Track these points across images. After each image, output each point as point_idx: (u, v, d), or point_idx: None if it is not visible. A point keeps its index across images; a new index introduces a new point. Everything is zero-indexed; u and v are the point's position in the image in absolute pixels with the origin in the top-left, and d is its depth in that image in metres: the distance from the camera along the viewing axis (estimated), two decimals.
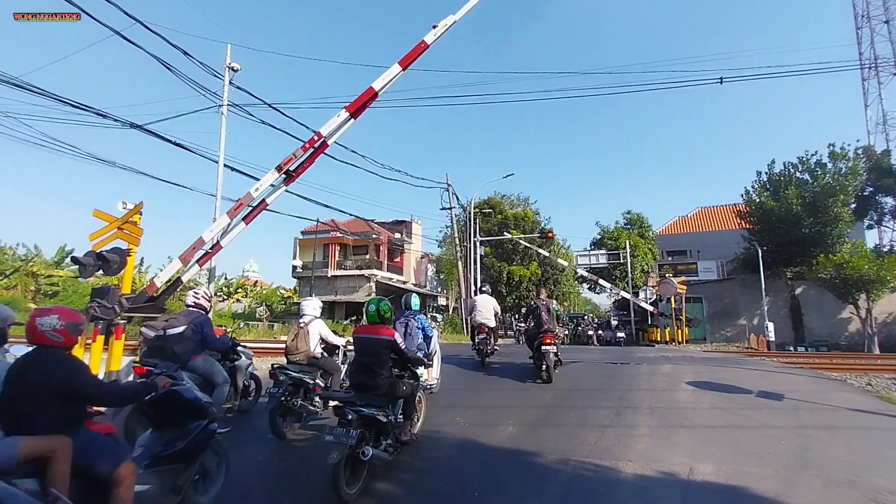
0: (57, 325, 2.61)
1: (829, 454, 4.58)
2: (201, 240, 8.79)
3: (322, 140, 9.51)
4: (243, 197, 9.30)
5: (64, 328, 2.63)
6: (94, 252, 7.88)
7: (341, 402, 3.87)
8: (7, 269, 37.18)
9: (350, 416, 3.61)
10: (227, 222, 9.09)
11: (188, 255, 8.56)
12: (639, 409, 6.15)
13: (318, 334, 5.75)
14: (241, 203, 9.16)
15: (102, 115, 10.04)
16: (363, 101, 9.73)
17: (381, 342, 4.12)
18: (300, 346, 5.56)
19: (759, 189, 26.11)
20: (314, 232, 31.32)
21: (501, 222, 31.60)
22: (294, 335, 5.70)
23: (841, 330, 23.98)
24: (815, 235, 23.46)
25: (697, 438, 4.99)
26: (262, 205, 9.63)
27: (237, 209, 9.09)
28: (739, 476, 3.94)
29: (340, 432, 3.48)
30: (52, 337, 2.57)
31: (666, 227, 38.01)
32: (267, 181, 9.25)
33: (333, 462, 3.35)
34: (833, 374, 9.58)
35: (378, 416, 3.82)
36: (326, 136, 9.52)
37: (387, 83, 9.81)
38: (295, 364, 5.48)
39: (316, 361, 5.63)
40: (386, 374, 4.09)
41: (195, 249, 8.65)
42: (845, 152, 24.26)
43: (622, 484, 3.84)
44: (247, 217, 9.59)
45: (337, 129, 9.60)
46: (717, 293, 26.83)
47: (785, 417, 5.84)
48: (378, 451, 3.72)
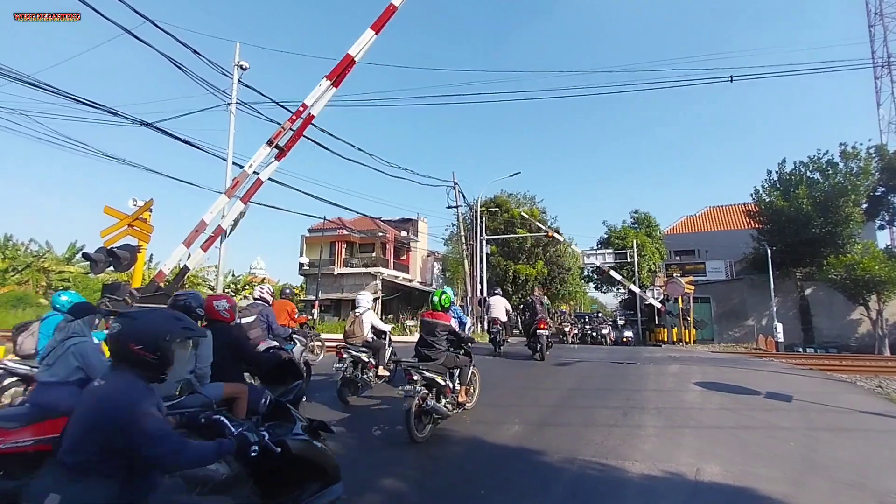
0: (226, 306, 3.82)
1: (838, 456, 4.55)
2: (203, 222, 8.87)
3: (307, 110, 9.70)
4: (239, 175, 9.39)
5: (229, 309, 3.84)
6: (105, 248, 8.00)
7: (410, 366, 4.96)
8: (19, 265, 37.72)
9: (416, 376, 4.78)
10: (226, 202, 9.18)
11: (191, 239, 8.65)
12: (646, 409, 6.13)
13: (370, 322, 6.91)
14: (237, 181, 9.26)
15: (113, 113, 10.15)
16: (342, 69, 9.96)
17: (439, 325, 5.31)
18: (356, 332, 6.75)
19: (769, 188, 25.84)
20: (321, 230, 31.43)
21: (508, 221, 31.54)
22: (351, 322, 6.92)
23: (851, 331, 23.71)
24: (825, 235, 23.18)
25: (705, 439, 4.97)
26: (257, 182, 9.76)
27: (234, 187, 9.18)
28: (747, 477, 3.92)
29: (410, 389, 4.65)
30: (223, 314, 3.79)
31: (674, 227, 37.74)
32: (260, 156, 9.42)
33: (406, 409, 4.51)
34: (843, 376, 9.48)
35: (437, 378, 4.91)
36: (311, 105, 9.72)
37: (362, 48, 10.09)
38: (353, 346, 6.57)
39: (368, 343, 6.78)
40: (443, 348, 5.24)
41: (198, 233, 8.73)
42: (857, 151, 23.91)
43: (629, 484, 3.83)
44: (244, 196, 9.72)
45: (320, 97, 9.80)
46: (726, 293, 26.61)
47: (794, 419, 5.80)
48: (438, 405, 4.88)
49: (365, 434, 5.08)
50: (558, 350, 14.69)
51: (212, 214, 8.88)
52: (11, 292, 33.43)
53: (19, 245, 39.40)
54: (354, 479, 3.90)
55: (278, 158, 9.82)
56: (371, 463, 4.31)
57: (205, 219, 8.87)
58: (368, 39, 10.06)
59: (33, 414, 3.13)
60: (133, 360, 1.79)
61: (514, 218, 31.63)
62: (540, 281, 30.83)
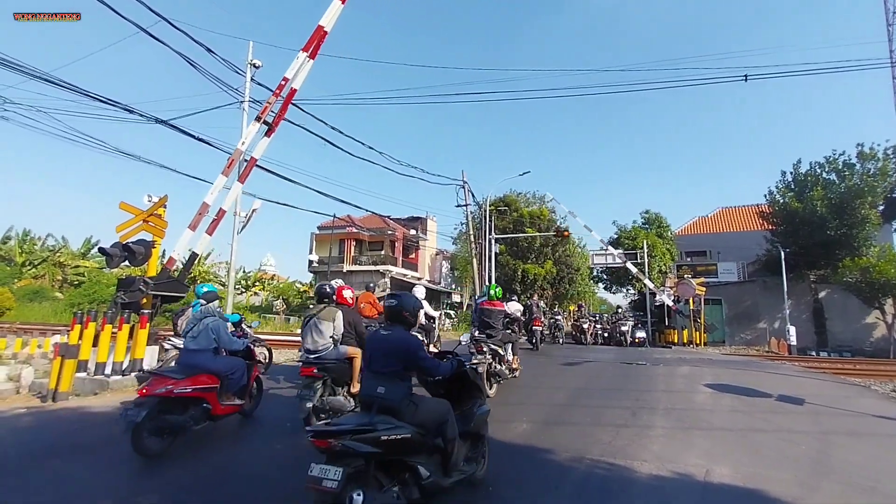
0: (350, 294, 5.77)
1: (851, 460, 4.50)
2: (205, 204, 8.95)
3: (289, 83, 9.95)
4: (233, 153, 9.51)
5: (352, 297, 5.89)
6: (121, 243, 8.13)
7: (481, 340, 6.80)
8: (36, 259, 38.45)
9: (485, 348, 6.68)
10: (224, 181, 9.31)
11: (196, 222, 8.74)
12: (655, 409, 6.10)
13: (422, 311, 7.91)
14: (232, 160, 9.37)
15: (129, 111, 10.31)
16: (315, 41, 10.20)
17: (495, 311, 7.33)
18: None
19: (784, 189, 25.45)
20: (330, 227, 31.62)
21: (517, 220, 31.45)
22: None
23: (866, 335, 23.28)
24: (840, 238, 22.76)
25: (715, 440, 4.94)
26: (252, 160, 9.96)
27: (230, 166, 9.31)
28: (757, 479, 3.89)
29: (481, 358, 6.07)
30: (348, 300, 5.66)
31: (685, 228, 37.33)
32: (250, 133, 9.59)
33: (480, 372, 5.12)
34: (856, 380, 9.35)
35: (499, 349, 7.01)
36: (292, 79, 9.96)
37: (331, 18, 10.35)
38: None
39: (422, 327, 7.94)
40: (500, 328, 7.20)
41: (201, 215, 8.82)
42: (874, 152, 23.43)
43: (637, 483, 3.83)
44: (241, 175, 9.91)
45: (299, 70, 10.06)
46: (738, 295, 26.26)
47: (806, 422, 5.74)
48: (501, 369, 7.00)
49: None
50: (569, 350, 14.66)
51: (213, 195, 8.96)
52: (28, 286, 34.14)
53: (36, 240, 40.20)
54: None
55: (268, 135, 10.04)
56: None
57: (206, 201, 8.96)
58: (336, 10, 10.43)
59: (184, 371, 4.53)
60: (402, 320, 3.21)
61: (522, 217, 31.53)
62: (549, 280, 30.72)
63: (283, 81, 9.97)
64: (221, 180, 9.10)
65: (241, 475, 3.96)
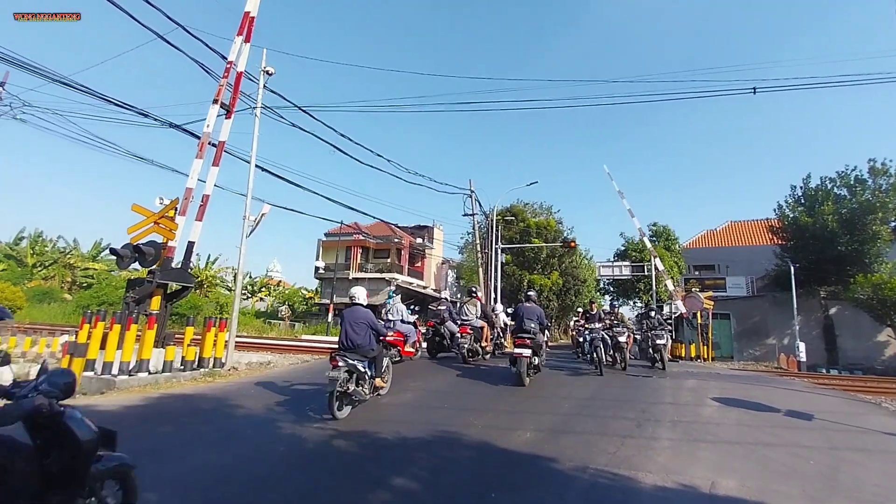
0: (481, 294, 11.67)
1: (860, 476, 4.42)
2: (188, 189, 9.08)
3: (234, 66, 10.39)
4: (202, 136, 9.68)
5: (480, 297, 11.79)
6: (132, 245, 8.24)
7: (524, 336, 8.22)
8: (47, 261, 38.99)
9: (528, 341, 8.15)
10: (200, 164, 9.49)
11: (184, 207, 8.87)
12: (661, 421, 6.03)
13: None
14: (202, 143, 9.55)
15: (144, 115, 10.51)
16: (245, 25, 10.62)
17: (534, 310, 8.78)
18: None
19: (794, 204, 25.30)
20: (337, 234, 31.80)
21: (523, 230, 31.44)
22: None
23: (877, 353, 22.90)
24: (851, 254, 22.56)
25: (721, 453, 4.87)
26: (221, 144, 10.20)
27: (201, 149, 9.47)
28: (764, 493, 3.83)
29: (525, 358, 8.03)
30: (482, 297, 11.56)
31: (693, 241, 37.10)
32: (212, 115, 9.84)
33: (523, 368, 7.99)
34: (867, 397, 9.18)
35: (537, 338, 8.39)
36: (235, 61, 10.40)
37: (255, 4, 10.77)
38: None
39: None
40: (535, 329, 8.40)
41: (187, 200, 8.96)
42: (886, 168, 23.28)
43: (641, 494, 3.78)
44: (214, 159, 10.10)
45: (239, 54, 10.48)
46: (746, 310, 25.99)
47: (815, 437, 5.64)
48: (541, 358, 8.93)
49: (374, 432, 5.12)
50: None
51: (193, 179, 9.14)
52: (38, 287, 34.59)
53: (48, 241, 40.78)
54: (368, 477, 3.96)
55: (227, 118, 10.35)
56: (384, 460, 4.35)
57: (188, 185, 9.12)
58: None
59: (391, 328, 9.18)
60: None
61: (529, 227, 31.52)
62: (555, 292, 30.57)
63: (228, 65, 10.38)
64: (197, 164, 9.29)
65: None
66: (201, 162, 9.40)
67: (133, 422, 5.44)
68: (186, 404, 6.48)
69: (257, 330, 28.62)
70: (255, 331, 27.52)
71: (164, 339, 8.06)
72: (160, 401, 6.58)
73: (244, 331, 25.62)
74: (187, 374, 8.16)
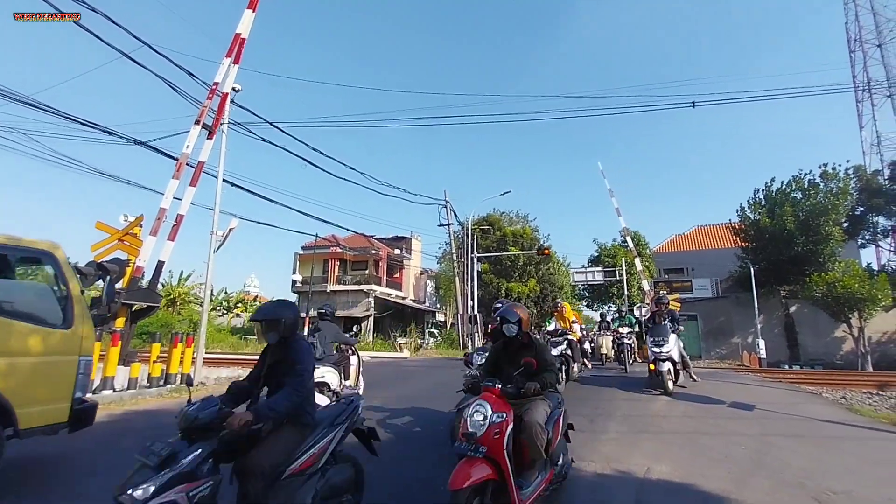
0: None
1: (787, 459, 4.78)
2: (162, 210, 9.15)
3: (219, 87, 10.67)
4: (180, 157, 9.80)
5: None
6: (95, 262, 8.23)
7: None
8: None
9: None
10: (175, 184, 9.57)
11: (156, 227, 8.94)
12: (612, 416, 6.37)
13: None
14: (180, 163, 9.65)
15: (108, 133, 10.51)
16: (235, 47, 11.01)
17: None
18: None
19: (755, 206, 26.41)
20: (314, 247, 31.67)
21: (500, 239, 31.92)
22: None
23: (836, 349, 23.97)
24: (807, 254, 23.66)
25: (661, 443, 5.21)
26: (200, 164, 10.37)
27: (179, 169, 9.56)
28: (693, 476, 4.16)
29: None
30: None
31: (664, 245, 38.21)
32: (193, 136, 10.02)
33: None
34: (809, 388, 9.75)
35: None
36: (221, 83, 10.69)
37: (247, 27, 11.27)
38: None
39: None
40: None
41: (160, 220, 9.03)
42: (836, 172, 24.65)
43: (581, 481, 4.06)
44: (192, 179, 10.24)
45: (226, 75, 10.81)
46: (712, 311, 26.89)
47: (751, 426, 6.05)
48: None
49: None
50: None
51: (167, 200, 9.20)
52: None
53: None
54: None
55: (209, 138, 10.59)
56: None
57: (163, 205, 9.19)
58: (250, 19, 11.43)
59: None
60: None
61: (506, 236, 32.02)
62: (532, 299, 31.05)
63: (213, 86, 10.57)
64: (173, 184, 9.37)
65: None
66: (177, 182, 9.47)
67: (95, 438, 5.47)
68: (150, 419, 6.52)
69: (231, 346, 28.15)
70: (229, 347, 27.06)
71: (128, 356, 8.05)
72: (124, 417, 6.60)
73: (218, 347, 25.21)
74: (153, 391, 8.16)
